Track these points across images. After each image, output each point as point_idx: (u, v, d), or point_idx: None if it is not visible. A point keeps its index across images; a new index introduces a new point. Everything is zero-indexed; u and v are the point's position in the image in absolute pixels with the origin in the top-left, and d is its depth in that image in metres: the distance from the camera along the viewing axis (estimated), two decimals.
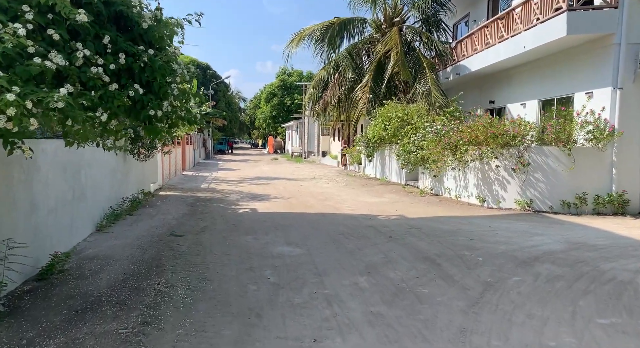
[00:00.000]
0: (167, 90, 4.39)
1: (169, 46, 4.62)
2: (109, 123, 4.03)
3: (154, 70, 4.21)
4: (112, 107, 3.90)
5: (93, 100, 3.72)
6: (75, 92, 3.55)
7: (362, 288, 5.25)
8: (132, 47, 4.15)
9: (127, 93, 4.06)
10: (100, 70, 3.84)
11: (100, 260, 6.21)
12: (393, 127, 16.33)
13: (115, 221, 8.84)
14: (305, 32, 20.37)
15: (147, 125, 4.49)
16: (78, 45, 3.72)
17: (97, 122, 3.84)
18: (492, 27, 14.43)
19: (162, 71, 4.26)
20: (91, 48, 3.82)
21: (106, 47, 3.98)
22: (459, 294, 5.13)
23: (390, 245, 7.30)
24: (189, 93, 5.03)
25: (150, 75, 4.22)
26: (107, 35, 3.97)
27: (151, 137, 4.71)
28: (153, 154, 11.68)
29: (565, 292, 5.24)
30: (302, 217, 10.00)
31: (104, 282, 5.33)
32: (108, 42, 3.96)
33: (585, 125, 10.43)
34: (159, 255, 6.53)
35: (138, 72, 4.16)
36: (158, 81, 4.25)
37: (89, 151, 7.42)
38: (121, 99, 3.97)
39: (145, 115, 4.26)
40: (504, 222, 9.58)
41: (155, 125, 4.48)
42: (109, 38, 3.96)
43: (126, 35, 4.25)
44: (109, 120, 3.98)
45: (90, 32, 3.82)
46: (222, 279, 5.50)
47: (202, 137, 36.25)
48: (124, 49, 4.07)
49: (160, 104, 4.33)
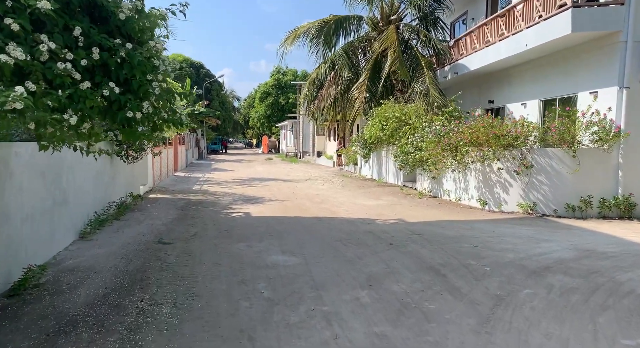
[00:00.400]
0: (148, 89, 3.92)
1: (151, 40, 4.15)
2: (80, 126, 3.56)
3: (132, 67, 3.75)
4: (84, 108, 3.45)
5: (60, 101, 3.27)
6: (39, 91, 3.10)
7: (364, 304, 4.84)
8: (108, 41, 3.69)
9: (101, 92, 3.60)
10: (69, 66, 3.38)
11: (80, 272, 5.75)
12: (390, 127, 15.93)
13: (100, 227, 8.37)
14: (300, 30, 19.94)
15: (125, 129, 4.04)
16: (43, 38, 3.26)
17: (66, 125, 3.37)
18: (492, 25, 14.07)
19: (143, 68, 3.81)
20: (59, 41, 3.36)
21: (77, 40, 3.52)
22: (468, 310, 4.73)
23: (391, 254, 6.89)
24: (174, 92, 4.56)
25: (128, 72, 3.76)
26: (78, 26, 3.51)
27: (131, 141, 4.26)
28: (142, 155, 11.20)
29: (582, 307, 4.85)
30: (297, 222, 9.58)
31: (82, 298, 4.88)
32: (79, 35, 3.51)
33: (590, 125, 10.07)
34: (144, 266, 6.08)
35: (115, 68, 3.70)
36: (138, 79, 3.79)
37: (72, 153, 6.94)
38: (94, 98, 3.51)
39: (122, 117, 3.80)
40: (508, 226, 9.20)
41: (135, 129, 4.03)
42: (80, 30, 3.51)
43: (101, 27, 3.79)
44: (80, 123, 3.52)
45: (58, 22, 3.36)
46: (211, 294, 5.07)
47: (195, 137, 35.71)
48: (98, 43, 3.61)
49: (140, 105, 3.86)
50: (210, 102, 47.30)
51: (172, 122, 4.54)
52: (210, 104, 46.06)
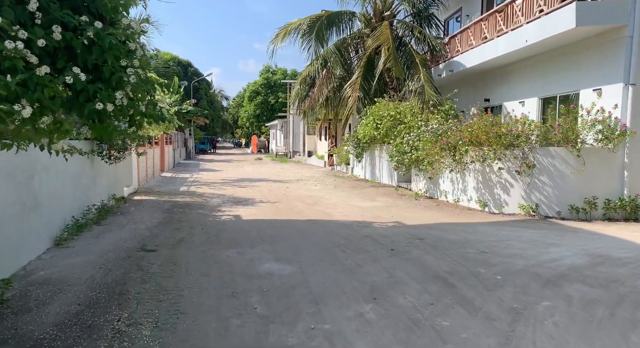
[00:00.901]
0: (122, 77, 3.35)
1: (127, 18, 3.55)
2: (37, 120, 2.97)
3: (103, 51, 3.18)
4: (42, 99, 2.88)
5: (10, 88, 2.70)
6: None
7: (370, 321, 4.33)
8: (72, 18, 3.12)
9: (63, 79, 3.02)
10: (21, 47, 2.80)
11: (51, 286, 5.16)
12: (385, 126, 15.46)
13: (78, 233, 7.75)
14: (291, 27, 19.37)
15: (96, 124, 3.46)
16: None
17: (18, 118, 2.78)
18: (490, 21, 13.68)
19: (115, 52, 3.22)
20: (9, 15, 2.79)
21: (34, 16, 2.96)
22: (485, 327, 4.25)
23: (393, 261, 6.40)
24: (154, 82, 3.98)
25: (98, 56, 3.19)
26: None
27: (102, 138, 3.66)
28: (125, 155, 10.57)
29: (609, 322, 4.41)
30: (290, 225, 9.05)
31: (51, 317, 4.30)
32: (37, 10, 2.94)
33: (595, 124, 9.69)
34: (124, 278, 5.51)
35: (81, 52, 3.14)
36: (109, 65, 3.22)
37: (46, 153, 6.34)
38: (54, 87, 2.94)
39: (91, 109, 3.20)
40: (512, 229, 8.77)
41: (107, 124, 3.45)
42: (37, 3, 2.93)
43: (64, 1, 3.21)
44: (37, 117, 2.94)
45: None
46: (198, 311, 4.52)
47: (182, 136, 34.93)
48: (60, 20, 3.05)
49: (112, 95, 3.27)
50: (199, 101, 46.46)
51: (152, 117, 3.94)
52: (199, 103, 45.23)
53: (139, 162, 14.66)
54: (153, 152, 18.20)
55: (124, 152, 10.37)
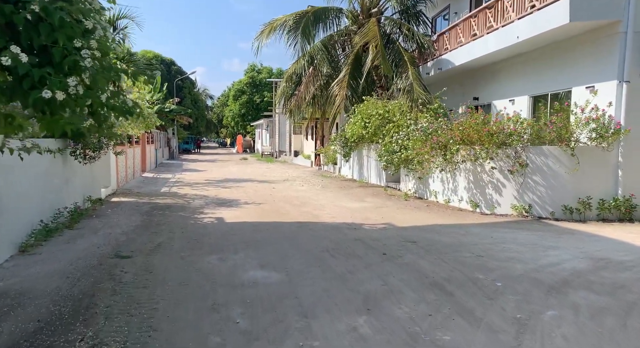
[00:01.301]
0: (77, 60, 2.85)
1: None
2: None
3: (53, 29, 2.69)
4: None
5: None
6: None
7: (364, 337, 3.93)
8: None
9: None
10: None
11: (10, 299, 4.64)
12: (374, 124, 15.09)
13: (47, 238, 7.20)
14: (276, 23, 18.88)
15: (45, 116, 2.95)
16: None
17: None
18: (480, 17, 13.40)
19: (67, 31, 2.73)
20: None
21: None
22: (489, 341, 3.88)
23: (386, 267, 6.01)
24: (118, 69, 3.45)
25: (46, 36, 2.70)
26: None
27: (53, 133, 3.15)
28: (101, 154, 10.01)
29: (621, 333, 4.08)
30: (277, 229, 8.61)
31: (4, 337, 3.80)
32: None
33: (589, 122, 9.44)
34: (93, 289, 5.02)
35: (24, 29, 2.64)
36: (60, 46, 2.73)
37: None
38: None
39: (36, 98, 2.70)
40: (506, 231, 8.47)
41: (59, 116, 2.94)
42: None
43: None
44: None
45: None
46: (174, 327, 4.06)
47: (165, 136, 34.16)
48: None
49: (62, 82, 2.78)
50: (182, 100, 45.67)
51: (115, 109, 3.43)
52: (182, 102, 44.44)
53: (118, 162, 14.06)
54: (134, 152, 17.57)
55: (100, 151, 9.81)
